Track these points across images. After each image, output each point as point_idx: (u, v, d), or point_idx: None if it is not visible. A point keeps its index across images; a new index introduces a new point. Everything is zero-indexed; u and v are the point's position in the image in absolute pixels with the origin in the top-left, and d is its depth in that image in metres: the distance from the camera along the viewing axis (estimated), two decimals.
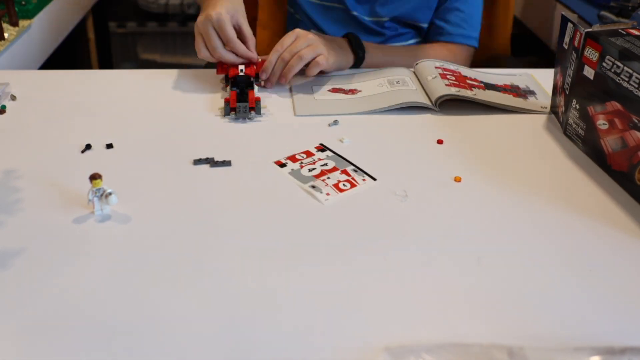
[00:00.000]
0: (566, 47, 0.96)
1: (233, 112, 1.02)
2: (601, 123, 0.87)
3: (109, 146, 0.93)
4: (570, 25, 0.95)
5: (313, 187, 0.84)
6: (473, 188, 0.85)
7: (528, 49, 1.80)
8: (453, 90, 1.06)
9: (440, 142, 0.95)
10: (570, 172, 0.89)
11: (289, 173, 0.87)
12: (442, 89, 1.06)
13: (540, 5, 1.76)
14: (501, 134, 1.00)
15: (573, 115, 0.94)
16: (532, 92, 1.11)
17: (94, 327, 0.63)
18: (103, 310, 0.65)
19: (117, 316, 0.64)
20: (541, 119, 1.04)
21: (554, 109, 1.03)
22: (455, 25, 1.31)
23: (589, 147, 0.92)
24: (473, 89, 1.09)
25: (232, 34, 1.06)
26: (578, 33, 0.92)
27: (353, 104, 1.08)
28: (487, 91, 1.10)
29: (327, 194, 0.82)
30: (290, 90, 1.13)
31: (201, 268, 0.71)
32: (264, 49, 1.40)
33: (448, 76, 1.11)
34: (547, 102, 1.09)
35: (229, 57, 1.08)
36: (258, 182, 0.86)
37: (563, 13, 0.98)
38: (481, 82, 1.13)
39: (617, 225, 0.79)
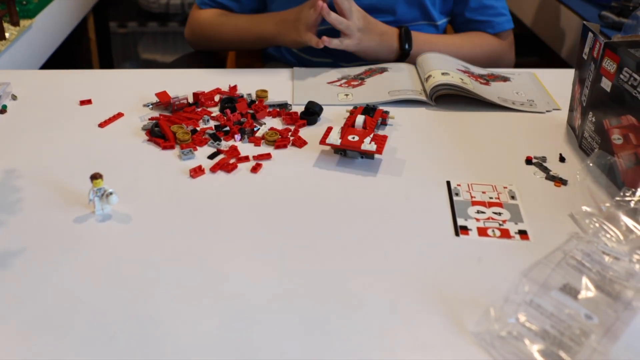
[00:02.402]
0: (585, 57, 0.92)
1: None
2: (616, 138, 0.84)
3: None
4: (590, 35, 0.91)
5: None
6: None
7: (529, 50, 1.80)
8: (450, 79, 1.06)
9: None
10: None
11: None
12: (438, 78, 1.07)
13: (542, 6, 1.76)
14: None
15: (589, 129, 0.90)
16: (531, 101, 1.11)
17: (94, 326, 0.63)
18: (104, 309, 0.65)
19: (117, 316, 0.64)
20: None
21: (570, 122, 1.00)
22: (497, 15, 1.33)
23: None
24: (474, 81, 1.11)
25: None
26: (597, 43, 0.88)
27: (351, 96, 1.10)
28: (485, 87, 1.11)
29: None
30: (292, 77, 1.16)
31: (202, 267, 0.71)
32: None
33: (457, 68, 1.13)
34: (546, 102, 1.09)
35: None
36: (260, 182, 0.86)
37: (585, 23, 0.94)
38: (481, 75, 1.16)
39: None
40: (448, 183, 0.86)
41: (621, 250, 0.70)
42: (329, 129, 0.93)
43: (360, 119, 0.95)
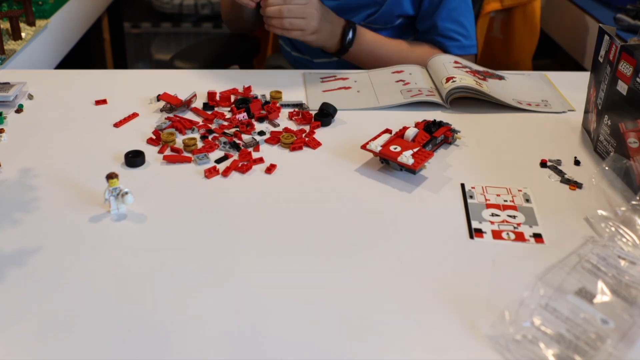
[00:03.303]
0: (601, 60, 0.92)
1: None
2: (632, 141, 0.83)
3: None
4: (606, 38, 0.91)
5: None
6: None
7: (542, 52, 1.79)
8: (466, 82, 1.06)
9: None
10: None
11: None
12: (456, 81, 1.07)
13: (556, 8, 1.75)
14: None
15: (604, 132, 0.90)
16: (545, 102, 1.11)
17: (109, 324, 0.63)
18: (119, 308, 0.65)
19: (132, 314, 0.64)
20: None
21: (585, 125, 0.99)
22: (455, 37, 1.27)
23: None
24: (488, 78, 1.11)
25: None
26: (614, 46, 0.88)
27: (363, 100, 1.09)
28: (501, 81, 1.12)
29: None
30: (304, 82, 1.16)
31: (217, 267, 0.71)
32: None
33: (466, 70, 1.13)
34: (560, 102, 1.09)
35: None
36: (274, 182, 0.86)
37: (601, 25, 0.94)
38: (494, 73, 1.17)
39: None
40: (462, 185, 0.85)
41: (637, 254, 0.70)
42: (380, 135, 0.91)
43: (411, 132, 0.90)
